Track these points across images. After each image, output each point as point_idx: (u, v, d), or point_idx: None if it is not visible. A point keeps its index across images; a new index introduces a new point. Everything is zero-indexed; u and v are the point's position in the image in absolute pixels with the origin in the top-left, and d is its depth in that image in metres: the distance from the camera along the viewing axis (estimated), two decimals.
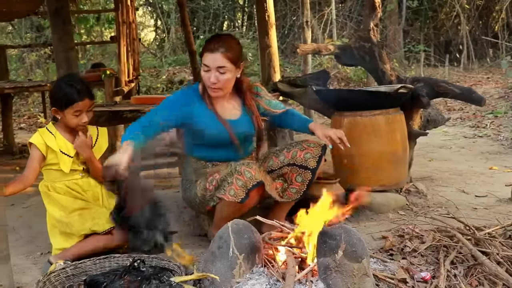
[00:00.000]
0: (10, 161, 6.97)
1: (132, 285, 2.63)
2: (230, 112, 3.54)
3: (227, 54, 3.31)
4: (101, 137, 3.58)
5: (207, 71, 3.33)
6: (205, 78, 3.36)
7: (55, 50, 5.24)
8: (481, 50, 16.87)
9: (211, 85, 3.35)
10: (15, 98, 11.99)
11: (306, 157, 3.55)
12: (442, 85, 4.45)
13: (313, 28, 12.63)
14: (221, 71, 3.32)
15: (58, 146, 3.36)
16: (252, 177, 3.21)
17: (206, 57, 3.33)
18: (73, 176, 3.44)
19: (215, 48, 3.31)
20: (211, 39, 3.44)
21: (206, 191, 3.40)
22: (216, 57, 3.30)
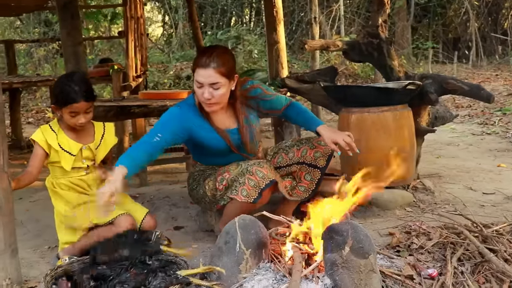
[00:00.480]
0: (19, 155, 7.00)
1: (138, 278, 2.64)
2: (227, 122, 3.44)
3: (219, 70, 3.16)
4: (108, 134, 3.53)
5: (200, 87, 3.19)
6: (199, 94, 3.22)
7: (64, 44, 5.24)
8: (490, 47, 16.81)
9: (206, 101, 3.22)
10: (23, 92, 12.04)
11: (316, 156, 3.55)
12: (451, 82, 4.43)
13: (321, 24, 12.61)
14: (215, 87, 3.18)
15: (61, 143, 3.34)
16: (265, 176, 3.20)
17: (198, 73, 3.18)
18: (78, 173, 3.42)
19: (206, 63, 3.15)
20: (203, 53, 3.26)
21: (216, 191, 3.39)
22: (209, 73, 3.15)
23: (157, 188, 5.23)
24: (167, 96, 5.06)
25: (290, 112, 3.64)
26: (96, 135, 3.46)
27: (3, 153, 2.79)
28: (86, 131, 3.44)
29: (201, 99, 3.24)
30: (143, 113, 4.65)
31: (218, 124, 3.39)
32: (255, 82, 3.58)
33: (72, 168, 3.39)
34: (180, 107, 3.37)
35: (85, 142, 3.40)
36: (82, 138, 3.41)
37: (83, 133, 3.42)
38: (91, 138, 3.44)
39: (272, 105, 3.58)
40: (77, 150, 3.36)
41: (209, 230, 3.86)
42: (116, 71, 6.72)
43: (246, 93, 3.48)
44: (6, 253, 2.84)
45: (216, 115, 3.40)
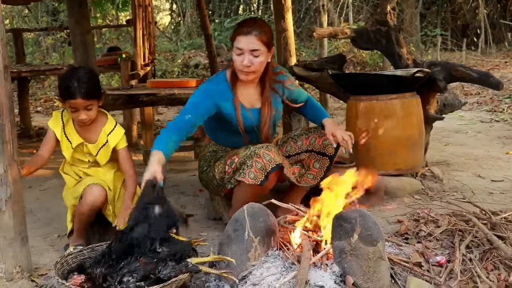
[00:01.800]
0: (28, 144, 7.02)
1: (148, 266, 2.65)
2: (253, 100, 3.49)
3: (261, 37, 3.25)
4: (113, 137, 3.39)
5: (240, 54, 3.27)
6: (238, 62, 3.28)
7: (72, 33, 5.24)
8: (499, 34, 16.68)
9: (244, 69, 3.28)
10: (32, 81, 12.06)
11: (325, 143, 3.55)
12: (459, 69, 4.42)
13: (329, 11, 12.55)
14: (255, 54, 3.25)
15: (66, 132, 3.36)
16: (271, 159, 3.21)
17: (239, 40, 3.26)
18: (81, 165, 3.44)
19: (248, 31, 3.24)
20: (244, 22, 3.37)
21: (224, 173, 3.41)
22: (251, 39, 3.24)
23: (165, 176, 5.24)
24: (175, 84, 5.06)
25: (307, 108, 3.74)
26: (100, 136, 3.38)
27: (12, 142, 2.81)
28: (93, 129, 3.38)
29: (239, 67, 3.30)
30: (151, 101, 4.67)
31: (244, 101, 3.44)
32: (283, 69, 3.68)
33: (78, 159, 3.41)
34: (211, 81, 3.46)
35: (88, 140, 3.38)
36: (86, 134, 3.37)
37: (89, 129, 3.37)
38: (95, 137, 3.38)
39: (293, 96, 3.64)
40: (76, 144, 3.35)
41: (218, 218, 3.87)
42: (124, 60, 6.72)
43: (275, 76, 3.54)
44: (16, 241, 2.86)
45: (244, 91, 3.45)
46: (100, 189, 3.25)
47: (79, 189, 3.29)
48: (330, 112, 9.00)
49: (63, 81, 3.23)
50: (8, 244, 2.85)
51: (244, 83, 3.43)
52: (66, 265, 2.85)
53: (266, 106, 3.48)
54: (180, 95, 4.60)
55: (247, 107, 3.45)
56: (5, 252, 2.85)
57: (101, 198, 3.25)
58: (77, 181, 3.41)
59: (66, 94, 3.21)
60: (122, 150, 3.42)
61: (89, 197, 3.21)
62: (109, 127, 3.39)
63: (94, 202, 3.23)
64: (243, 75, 3.33)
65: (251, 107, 3.47)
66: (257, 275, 2.63)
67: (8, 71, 2.80)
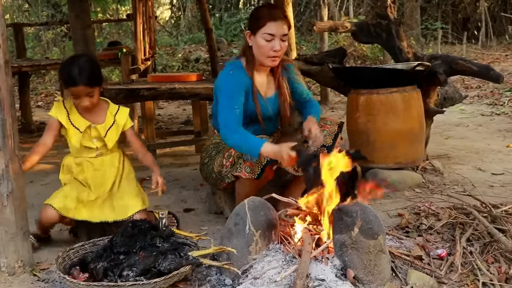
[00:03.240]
0: (29, 139, 7.02)
1: (147, 260, 2.66)
2: (268, 89, 3.51)
3: (287, 21, 3.31)
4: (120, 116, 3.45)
5: (270, 40, 3.25)
6: (268, 48, 3.27)
7: (72, 27, 5.23)
8: (500, 27, 16.65)
9: (275, 54, 3.29)
10: (32, 76, 12.04)
11: (323, 134, 3.53)
12: (460, 63, 4.42)
13: (329, 5, 12.53)
14: (283, 39, 3.28)
15: (72, 120, 3.36)
16: None
17: (270, 26, 3.24)
18: (89, 153, 3.43)
19: (278, 16, 3.27)
20: (268, 7, 3.43)
21: (222, 167, 3.40)
22: (281, 24, 3.26)
23: (166, 171, 5.25)
24: (175, 79, 5.06)
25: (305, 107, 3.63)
26: (107, 117, 3.42)
27: (13, 137, 2.81)
28: (98, 112, 3.41)
29: (270, 53, 3.29)
30: (152, 95, 4.66)
31: (260, 89, 3.46)
32: (290, 59, 3.66)
33: (84, 147, 3.40)
34: (233, 71, 3.40)
35: (95, 122, 3.39)
36: (92, 117, 3.39)
37: (94, 113, 3.39)
38: (102, 119, 3.41)
39: (295, 89, 3.61)
40: (84, 127, 3.36)
41: (219, 212, 3.88)
42: (124, 54, 6.72)
43: (284, 63, 3.55)
44: (18, 236, 2.87)
45: (260, 80, 3.47)
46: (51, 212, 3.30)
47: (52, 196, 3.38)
48: (331, 106, 9.02)
49: (64, 69, 3.26)
50: (10, 238, 2.85)
51: (258, 72, 3.44)
52: (68, 259, 2.87)
53: (283, 92, 3.51)
54: (181, 89, 4.60)
55: (263, 96, 3.47)
56: (7, 247, 2.85)
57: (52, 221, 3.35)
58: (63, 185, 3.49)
59: (68, 82, 3.23)
60: (130, 130, 3.48)
61: (42, 215, 3.34)
62: (113, 107, 3.45)
63: (45, 223, 3.37)
64: (271, 61, 3.34)
65: (265, 95, 3.49)
66: (258, 269, 2.64)
67: (9, 66, 2.80)
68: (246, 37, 3.38)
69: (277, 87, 3.52)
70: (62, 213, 3.30)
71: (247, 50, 3.40)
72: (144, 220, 3.05)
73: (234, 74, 3.37)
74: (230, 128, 3.21)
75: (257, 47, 3.31)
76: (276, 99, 3.53)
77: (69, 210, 3.33)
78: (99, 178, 3.42)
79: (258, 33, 3.28)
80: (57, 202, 3.31)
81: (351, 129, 4.36)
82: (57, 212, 3.29)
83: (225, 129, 3.24)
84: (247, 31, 3.37)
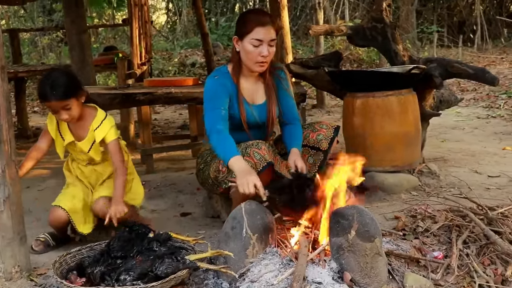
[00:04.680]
0: (25, 144, 7.00)
1: (144, 264, 2.66)
2: (256, 96, 3.47)
3: (275, 26, 3.27)
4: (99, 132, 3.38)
5: (258, 45, 3.22)
6: (255, 54, 3.24)
7: (68, 33, 5.25)
8: (495, 30, 16.73)
9: (263, 60, 3.26)
10: (28, 81, 12.03)
11: (318, 138, 3.53)
12: (455, 66, 4.43)
13: (325, 9, 12.55)
14: (271, 44, 3.25)
15: (61, 131, 3.41)
16: (262, 158, 3.19)
17: (258, 31, 3.20)
18: (81, 162, 3.51)
19: (266, 21, 3.23)
20: (255, 13, 3.44)
21: (219, 172, 3.37)
22: (269, 29, 3.22)
23: (163, 175, 5.26)
24: (172, 83, 5.06)
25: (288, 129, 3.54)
26: (89, 133, 3.39)
27: (10, 142, 2.81)
28: (84, 125, 3.40)
29: (258, 59, 3.26)
30: (148, 100, 4.66)
31: (247, 96, 3.43)
32: (285, 68, 3.66)
33: (78, 158, 3.47)
34: (218, 76, 3.39)
35: (80, 137, 3.41)
36: (79, 130, 3.41)
37: (80, 126, 3.40)
38: (85, 135, 3.40)
39: (284, 103, 3.54)
40: (67, 142, 3.41)
41: (216, 216, 3.88)
42: (120, 59, 6.71)
43: (274, 70, 3.52)
44: (15, 241, 2.87)
45: (247, 87, 3.44)
46: (60, 212, 3.35)
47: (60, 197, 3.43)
48: (327, 110, 9.03)
49: (39, 84, 3.28)
50: (7, 244, 2.85)
51: (246, 78, 3.42)
52: (65, 264, 2.87)
53: (272, 99, 3.47)
54: (177, 94, 4.60)
55: (250, 103, 3.44)
56: (4, 252, 2.85)
57: (61, 220, 3.38)
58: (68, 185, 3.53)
59: (40, 98, 3.27)
60: (110, 144, 3.42)
61: (51, 217, 3.40)
62: (96, 122, 3.40)
63: (54, 222, 3.42)
64: (258, 67, 3.31)
65: (253, 103, 3.45)
66: (255, 272, 2.64)
67: (5, 72, 2.80)
68: (233, 42, 3.36)
69: (267, 95, 3.48)
70: (70, 214, 3.33)
71: (234, 55, 3.38)
72: (141, 224, 3.05)
73: (219, 79, 3.36)
74: (212, 128, 3.21)
75: (244, 53, 3.28)
76: (265, 107, 3.48)
77: (77, 212, 3.37)
78: (93, 183, 3.50)
79: (245, 39, 3.24)
80: (66, 203, 3.35)
81: (348, 133, 4.37)
82: (66, 212, 3.32)
83: (208, 130, 3.24)
84: (235, 36, 3.34)
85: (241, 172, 2.99)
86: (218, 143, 3.16)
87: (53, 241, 3.46)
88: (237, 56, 3.35)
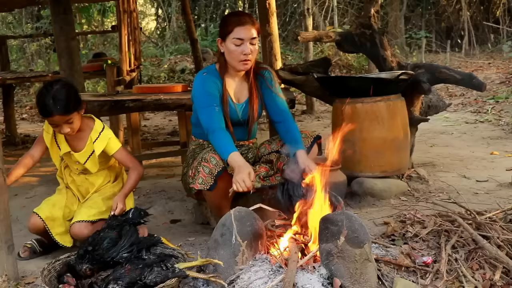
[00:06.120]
0: (13, 152, 6.99)
1: (133, 273, 2.65)
2: (240, 95, 3.54)
3: (255, 26, 3.37)
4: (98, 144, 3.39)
5: (240, 44, 3.32)
6: (237, 52, 3.33)
7: (57, 39, 5.21)
8: (483, 36, 16.84)
9: (245, 58, 3.34)
10: (17, 88, 12.00)
11: None
12: (443, 71, 4.46)
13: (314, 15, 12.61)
14: (253, 42, 3.34)
15: (58, 140, 3.41)
16: (218, 163, 3.21)
17: (238, 31, 3.31)
18: (71, 172, 3.52)
19: (245, 20, 3.33)
20: (235, 14, 3.53)
21: (188, 177, 3.38)
22: (249, 28, 3.32)
23: (153, 182, 5.25)
24: (161, 89, 5.05)
25: (282, 126, 3.53)
26: (87, 144, 3.39)
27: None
28: (81, 136, 3.40)
29: (241, 57, 3.35)
30: (137, 107, 4.65)
31: (232, 95, 3.50)
32: (270, 69, 3.69)
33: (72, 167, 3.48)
34: (207, 73, 3.47)
35: (76, 148, 3.40)
36: (75, 142, 3.40)
37: (77, 137, 3.39)
38: (83, 145, 3.40)
39: (270, 101, 3.56)
40: (63, 152, 3.40)
41: (205, 222, 3.88)
42: (110, 66, 6.71)
43: (259, 70, 3.58)
44: (2, 250, 2.85)
45: (233, 85, 3.51)
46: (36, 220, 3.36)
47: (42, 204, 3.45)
48: (316, 115, 9.04)
49: (39, 99, 3.19)
50: None
51: (232, 77, 3.50)
52: (54, 271, 2.85)
53: (253, 97, 3.53)
54: (166, 100, 4.59)
55: (234, 102, 3.50)
56: None
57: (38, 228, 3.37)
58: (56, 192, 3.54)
59: (43, 113, 3.20)
60: (117, 154, 3.44)
61: (28, 223, 3.41)
62: (94, 134, 3.39)
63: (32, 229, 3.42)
64: (242, 65, 3.39)
65: (237, 102, 3.52)
66: (245, 279, 2.64)
67: None
68: (218, 44, 3.45)
69: (249, 93, 3.55)
70: (46, 223, 3.31)
71: (220, 57, 3.47)
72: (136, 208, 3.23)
73: (208, 76, 3.43)
74: (209, 127, 3.25)
75: (228, 53, 3.38)
76: (246, 105, 3.55)
77: (55, 221, 3.34)
78: (84, 192, 3.49)
79: (227, 39, 3.35)
80: (43, 211, 3.34)
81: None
82: (42, 221, 3.30)
83: (205, 129, 3.27)
84: (218, 38, 3.43)
85: (237, 168, 3.05)
86: (216, 141, 3.23)
87: (40, 248, 3.45)
88: (223, 57, 3.45)
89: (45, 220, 3.33)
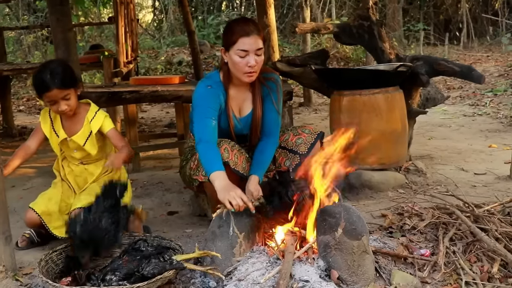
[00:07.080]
0: (10, 144, 6.97)
1: (130, 264, 2.65)
2: (245, 106, 3.39)
3: (261, 35, 3.16)
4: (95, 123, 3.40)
5: (244, 56, 3.10)
6: (242, 64, 3.12)
7: (53, 31, 5.18)
8: (481, 28, 16.81)
9: (251, 70, 3.14)
10: (14, 80, 11.96)
11: (298, 142, 3.43)
12: (442, 63, 4.44)
13: (312, 7, 12.55)
14: (259, 53, 3.12)
15: (55, 128, 3.40)
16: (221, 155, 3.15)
17: (243, 42, 3.09)
18: (72, 160, 3.50)
19: (250, 30, 3.10)
20: (239, 23, 3.23)
21: (191, 169, 3.34)
22: (254, 39, 3.10)
23: (150, 174, 5.24)
24: (158, 81, 5.04)
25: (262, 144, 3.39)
26: (85, 125, 3.40)
27: None
28: (78, 119, 3.41)
29: (245, 69, 3.15)
30: (134, 98, 4.63)
31: (235, 107, 3.35)
32: (278, 79, 3.49)
33: (70, 156, 3.46)
34: (211, 86, 3.27)
35: (74, 132, 3.39)
36: (73, 126, 3.41)
37: (75, 120, 3.40)
38: (80, 127, 3.40)
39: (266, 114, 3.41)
40: (61, 138, 3.40)
41: (203, 214, 3.87)
42: (107, 57, 6.68)
43: (265, 80, 3.39)
44: (0, 241, 2.84)
45: (236, 96, 3.35)
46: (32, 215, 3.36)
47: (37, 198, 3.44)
48: (314, 108, 9.04)
49: (36, 76, 3.24)
50: None
51: (236, 87, 3.32)
52: (51, 262, 2.85)
53: (257, 109, 3.36)
54: (164, 92, 4.58)
55: (237, 115, 3.36)
56: None
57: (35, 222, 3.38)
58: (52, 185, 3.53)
59: (41, 88, 3.22)
60: (109, 132, 3.44)
61: (25, 218, 3.42)
62: (91, 114, 3.42)
63: (28, 224, 3.43)
64: (248, 77, 3.19)
65: (239, 114, 3.38)
66: (242, 271, 2.64)
67: None
68: (221, 53, 3.26)
69: (253, 105, 3.38)
70: (43, 218, 3.31)
71: (223, 66, 3.28)
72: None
73: (213, 90, 3.25)
74: (201, 138, 3.14)
75: (232, 64, 3.18)
76: (250, 117, 3.40)
77: (51, 215, 3.33)
78: (81, 183, 3.47)
79: (231, 50, 3.15)
80: (39, 206, 3.33)
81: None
82: (38, 216, 3.30)
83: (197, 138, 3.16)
84: (222, 47, 3.25)
85: (221, 188, 2.88)
86: (203, 154, 3.09)
87: (38, 238, 3.45)
88: (226, 66, 3.25)
89: (41, 215, 3.33)
